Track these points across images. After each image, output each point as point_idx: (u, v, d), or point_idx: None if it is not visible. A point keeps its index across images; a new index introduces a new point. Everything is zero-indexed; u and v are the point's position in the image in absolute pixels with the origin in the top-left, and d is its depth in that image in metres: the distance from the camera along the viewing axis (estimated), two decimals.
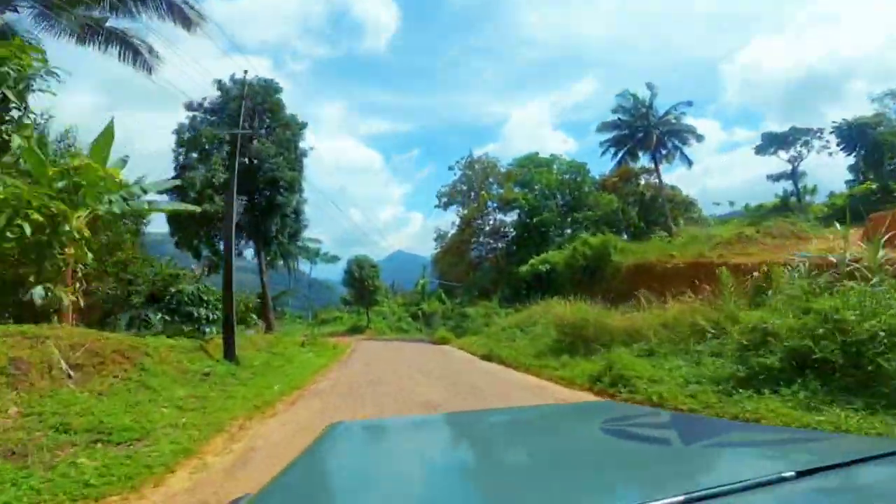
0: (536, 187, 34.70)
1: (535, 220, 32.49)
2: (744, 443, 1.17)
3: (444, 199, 35.98)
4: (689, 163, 36.43)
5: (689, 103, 36.94)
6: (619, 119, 38.88)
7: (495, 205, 36.18)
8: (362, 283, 33.32)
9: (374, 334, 34.62)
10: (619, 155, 39.15)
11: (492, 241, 37.57)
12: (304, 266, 51.32)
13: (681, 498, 0.64)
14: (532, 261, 26.29)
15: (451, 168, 36.66)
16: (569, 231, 33.68)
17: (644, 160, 37.69)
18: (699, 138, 36.31)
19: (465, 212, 34.83)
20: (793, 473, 0.72)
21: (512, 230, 35.99)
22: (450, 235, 35.28)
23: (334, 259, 44.01)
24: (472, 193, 36.51)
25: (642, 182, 42.77)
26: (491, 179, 36.96)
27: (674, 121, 36.35)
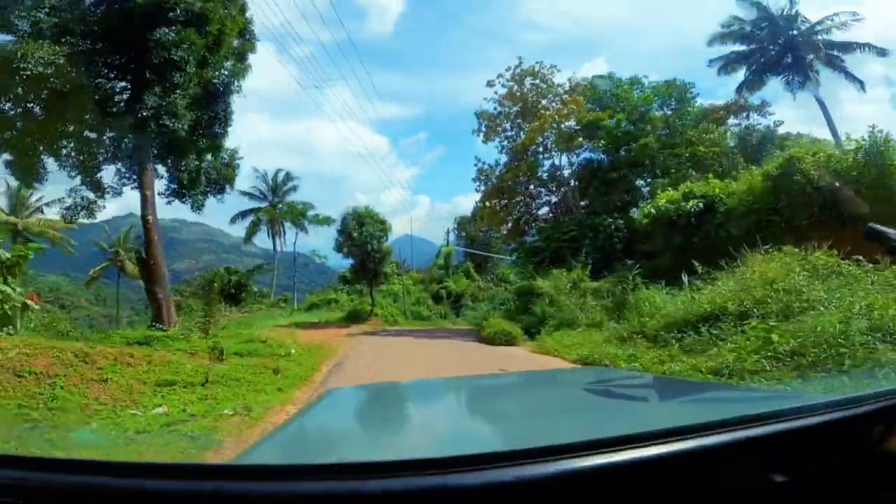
0: (615, 117, 22.72)
1: (633, 147, 20.91)
2: (718, 399, 1.31)
3: (484, 124, 24.16)
4: (861, 84, 24.37)
5: (856, 14, 24.95)
6: (741, 28, 26.93)
7: (551, 138, 24.43)
8: (363, 248, 21.97)
9: (382, 324, 23.43)
10: (746, 76, 27.17)
11: (545, 191, 26.07)
12: (290, 236, 40.20)
13: (647, 431, 0.67)
14: (666, 194, 14.76)
15: (490, 84, 24.76)
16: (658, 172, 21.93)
17: (772, 87, 26.30)
18: (882, 52, 24.01)
19: (521, 140, 23.10)
20: (717, 420, 0.74)
21: (573, 178, 24.35)
22: (497, 174, 23.51)
23: (327, 220, 32.78)
24: (521, 122, 24.71)
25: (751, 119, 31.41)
26: (547, 101, 25.08)
27: (838, 29, 24.38)
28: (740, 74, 27.83)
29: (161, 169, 13.46)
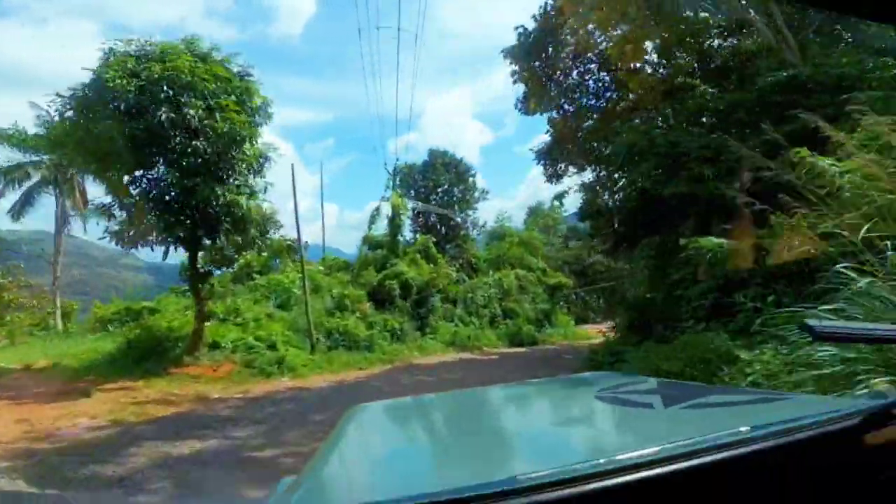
0: None
1: None
2: (716, 403, 1.27)
3: None
4: None
5: None
6: None
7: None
8: (158, 134, 6.24)
9: (234, 376, 7.70)
10: None
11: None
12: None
13: (655, 449, 0.70)
14: None
15: None
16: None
17: None
18: None
19: None
20: (747, 428, 0.77)
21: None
22: None
23: None
24: None
25: None
26: None
27: None
28: None
29: None
